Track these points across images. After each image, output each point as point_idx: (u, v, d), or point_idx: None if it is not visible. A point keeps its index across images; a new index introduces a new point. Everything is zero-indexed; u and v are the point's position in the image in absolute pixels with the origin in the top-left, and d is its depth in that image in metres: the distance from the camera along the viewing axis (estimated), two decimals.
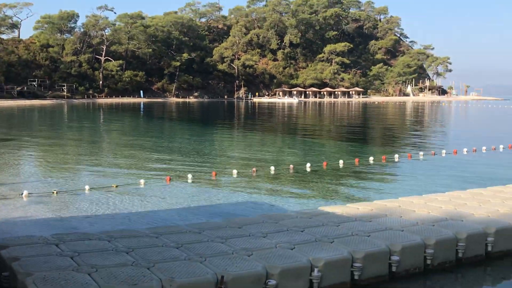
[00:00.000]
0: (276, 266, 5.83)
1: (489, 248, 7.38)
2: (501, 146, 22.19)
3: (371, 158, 18.37)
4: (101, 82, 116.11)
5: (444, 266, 7.00)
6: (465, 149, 20.94)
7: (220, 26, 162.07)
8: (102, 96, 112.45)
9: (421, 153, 20.07)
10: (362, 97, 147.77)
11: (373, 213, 8.29)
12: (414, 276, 6.74)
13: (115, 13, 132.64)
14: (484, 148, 21.63)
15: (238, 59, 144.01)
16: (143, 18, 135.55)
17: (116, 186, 12.94)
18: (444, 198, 9.52)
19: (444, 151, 20.71)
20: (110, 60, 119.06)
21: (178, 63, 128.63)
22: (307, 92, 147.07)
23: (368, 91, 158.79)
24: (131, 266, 5.68)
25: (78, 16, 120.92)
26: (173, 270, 5.56)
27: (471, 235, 7.17)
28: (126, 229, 7.82)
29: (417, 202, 9.13)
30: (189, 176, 14.22)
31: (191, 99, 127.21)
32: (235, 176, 14.76)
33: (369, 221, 7.78)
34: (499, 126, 43.85)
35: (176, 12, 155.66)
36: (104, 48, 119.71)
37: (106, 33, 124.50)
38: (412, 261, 6.72)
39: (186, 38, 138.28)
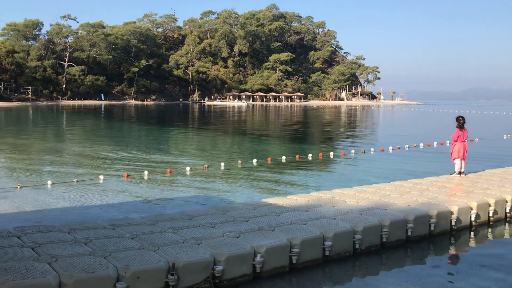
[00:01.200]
0: (223, 253, 5.82)
1: (409, 233, 7.62)
2: (421, 144, 22.96)
3: (309, 155, 18.62)
4: (64, 85, 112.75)
5: (370, 250, 7.17)
6: (390, 147, 21.54)
7: (175, 36, 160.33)
8: (65, 99, 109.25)
9: (353, 150, 20.50)
10: (303, 101, 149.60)
11: (310, 204, 8.40)
12: (345, 259, 6.87)
13: (77, 22, 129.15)
14: (406, 146, 22.33)
15: (192, 65, 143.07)
16: (104, 27, 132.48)
17: (77, 182, 12.59)
18: (371, 189, 9.75)
19: (372, 148, 21.23)
20: (73, 66, 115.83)
21: (136, 69, 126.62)
22: (255, 96, 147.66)
23: (308, 96, 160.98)
24: (89, 255, 5.53)
25: (42, 24, 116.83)
26: (128, 258, 5.46)
27: (393, 222, 7.39)
28: (85, 222, 7.60)
29: (348, 194, 9.32)
30: (145, 172, 14.00)
31: (149, 102, 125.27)
32: (188, 172, 14.63)
33: (306, 211, 7.88)
34: (419, 127, 45.35)
35: (135, 22, 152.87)
36: (67, 54, 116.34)
37: (69, 41, 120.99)
38: (343, 245, 6.85)
39: (144, 46, 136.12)
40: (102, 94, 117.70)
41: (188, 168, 14.93)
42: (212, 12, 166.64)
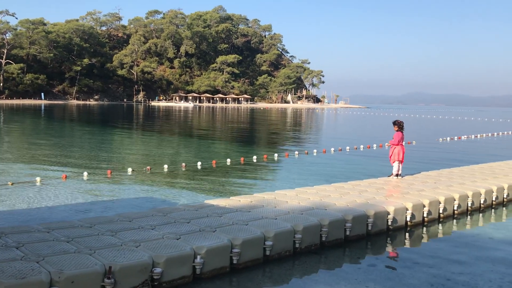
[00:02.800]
0: (162, 255, 5.74)
1: (347, 233, 7.81)
2: (362, 146, 23.62)
3: (254, 157, 18.73)
4: (1, 84, 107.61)
5: (310, 249, 7.29)
6: (332, 149, 22.02)
7: (120, 35, 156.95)
8: (3, 98, 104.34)
9: (296, 152, 20.80)
10: (250, 103, 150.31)
11: (252, 205, 8.44)
12: (285, 258, 6.95)
13: (16, 18, 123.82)
14: (348, 148, 22.90)
15: (137, 65, 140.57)
16: (44, 24, 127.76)
17: (12, 184, 12.06)
18: (312, 190, 9.93)
19: (315, 150, 21.63)
20: (11, 63, 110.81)
21: (79, 68, 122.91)
22: (202, 98, 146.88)
23: (255, 98, 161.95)
24: (20, 260, 5.30)
25: None
26: (63, 262, 5.28)
27: (332, 221, 7.55)
28: (18, 225, 7.29)
29: (290, 194, 9.44)
30: (85, 173, 13.60)
31: (92, 102, 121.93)
32: (129, 173, 14.35)
33: (248, 211, 7.91)
34: (360, 129, 46.65)
35: (77, 20, 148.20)
36: (5, 51, 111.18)
37: (7, 37, 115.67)
38: (283, 245, 6.93)
39: (87, 44, 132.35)
40: (42, 94, 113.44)
41: (130, 170, 14.64)
42: (158, 12, 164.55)
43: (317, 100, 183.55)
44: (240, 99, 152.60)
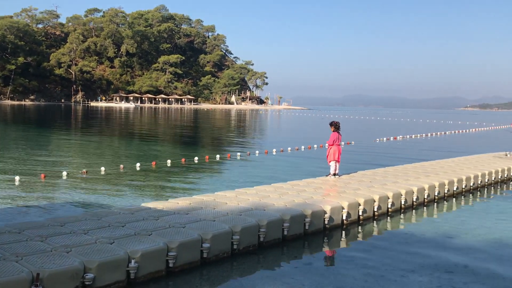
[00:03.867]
0: (94, 260, 5.55)
1: (285, 232, 7.88)
2: (302, 147, 23.99)
3: (196, 158, 18.58)
4: None
5: (248, 250, 7.30)
6: (274, 150, 22.23)
7: (57, 33, 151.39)
8: None
9: (239, 153, 20.83)
10: (194, 104, 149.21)
11: (191, 207, 8.35)
12: (223, 260, 6.92)
13: None
14: (289, 148, 23.18)
15: (76, 64, 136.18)
16: None
17: None
18: (252, 191, 9.95)
19: (257, 151, 21.75)
20: None
21: (13, 67, 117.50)
22: (143, 98, 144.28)
23: (199, 99, 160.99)
24: None
25: None
26: None
27: (270, 222, 7.59)
28: None
29: (230, 196, 9.41)
30: (16, 178, 12.99)
31: (27, 102, 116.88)
32: (64, 177, 13.83)
33: (186, 214, 7.81)
34: (302, 130, 47.43)
35: (11, 17, 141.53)
36: None
37: None
38: (221, 247, 6.89)
39: (22, 42, 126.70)
40: None
41: (65, 173, 14.11)
42: (98, 10, 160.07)
43: (261, 101, 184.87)
44: (183, 99, 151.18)
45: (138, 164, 16.23)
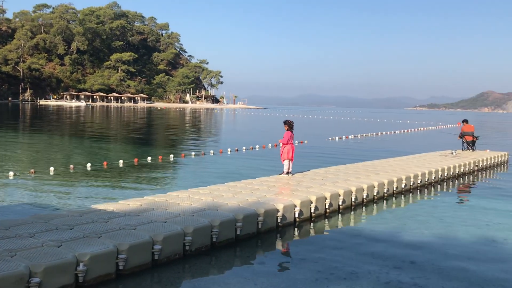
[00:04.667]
0: (40, 264, 5.36)
1: (238, 232, 7.86)
2: (257, 146, 24.07)
3: (149, 158, 18.30)
4: None
5: (201, 251, 7.24)
6: (229, 149, 22.20)
7: (3, 29, 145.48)
8: None
9: (193, 153, 20.67)
10: (147, 103, 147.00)
11: (142, 208, 8.20)
12: (175, 262, 6.83)
13: None
14: (244, 148, 23.21)
15: (24, 62, 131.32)
16: None
17: None
18: (206, 191, 9.89)
19: (212, 151, 21.65)
20: None
21: None
22: (95, 97, 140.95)
23: (152, 97, 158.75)
24: None
25: None
26: None
27: (223, 221, 7.56)
28: None
29: (182, 196, 9.31)
30: None
31: None
32: (11, 178, 13.31)
33: (137, 215, 7.67)
34: (257, 129, 47.60)
35: None
36: None
37: None
38: (173, 248, 6.80)
39: None
40: None
41: (11, 174, 13.58)
42: (47, 6, 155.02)
43: (216, 100, 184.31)
44: (136, 98, 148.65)
45: (89, 164, 15.82)
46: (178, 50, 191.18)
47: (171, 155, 19.39)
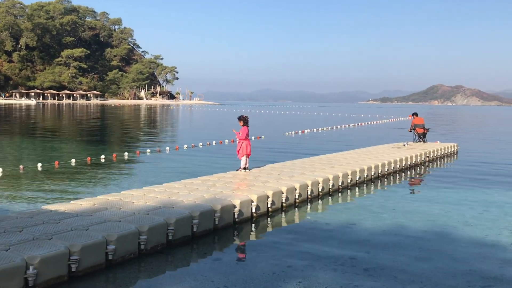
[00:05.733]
0: None
1: (195, 229, 7.80)
2: (214, 142, 23.98)
3: (102, 156, 17.90)
4: None
5: (156, 249, 7.14)
6: (185, 145, 22.00)
7: None
8: None
9: (148, 150, 20.37)
10: (100, 100, 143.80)
11: (95, 208, 8.00)
12: (130, 261, 6.71)
13: None
14: (200, 144, 23.07)
15: None
16: None
17: None
18: (161, 189, 9.76)
19: (168, 147, 21.39)
20: None
21: None
22: (46, 94, 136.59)
23: (106, 94, 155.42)
24: None
25: None
26: None
27: (179, 219, 7.48)
28: None
29: (137, 194, 9.16)
30: None
31: None
32: None
33: (90, 215, 7.48)
34: (214, 125, 47.42)
35: None
36: None
37: None
38: (127, 248, 6.67)
39: None
40: None
41: None
42: None
43: (171, 96, 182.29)
44: (89, 95, 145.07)
45: (39, 164, 15.32)
46: (132, 45, 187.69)
47: (126, 153, 19.04)
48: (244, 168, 12.43)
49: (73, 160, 16.56)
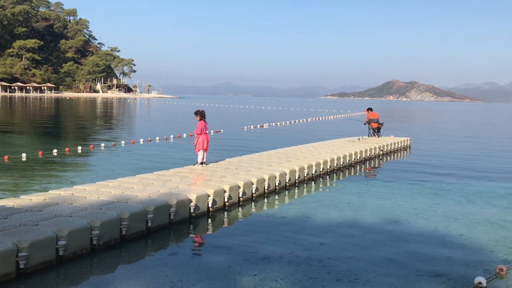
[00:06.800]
0: None
1: (149, 224, 7.70)
2: (171, 136, 23.73)
3: (55, 150, 17.40)
4: None
5: (109, 244, 7.00)
6: (141, 140, 21.66)
7: None
8: None
9: (103, 144, 19.94)
10: (55, 93, 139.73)
11: (46, 203, 7.77)
12: (82, 257, 6.56)
13: None
14: (157, 138, 22.77)
15: None
16: None
17: None
18: (115, 184, 9.57)
19: (123, 142, 21.00)
20: None
21: None
22: None
23: (60, 87, 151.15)
24: None
25: None
26: None
27: (133, 214, 7.36)
28: None
29: (90, 189, 8.95)
30: None
31: None
32: None
33: (40, 210, 7.26)
34: (172, 119, 46.90)
35: None
36: None
37: None
38: (79, 243, 6.51)
39: None
40: None
41: None
42: None
43: (128, 89, 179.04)
44: (42, 88, 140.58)
45: None
46: (87, 37, 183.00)
47: (79, 147, 18.58)
48: (202, 163, 12.36)
49: (23, 155, 16.02)
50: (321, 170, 13.61)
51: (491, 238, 8.08)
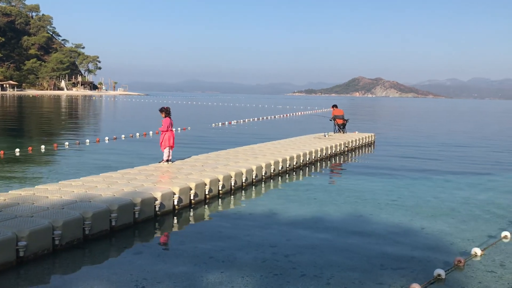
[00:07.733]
0: None
1: (113, 223, 7.59)
2: (137, 134, 23.42)
3: (17, 150, 16.94)
4: None
5: (72, 244, 6.87)
6: (106, 138, 21.29)
7: None
8: None
9: (67, 143, 19.52)
10: (17, 91, 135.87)
11: (6, 203, 7.55)
12: (44, 258, 6.41)
13: None
14: (123, 136, 22.43)
15: None
16: None
17: None
18: (78, 183, 9.38)
19: (88, 140, 20.60)
20: None
21: None
22: None
23: (23, 84, 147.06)
24: None
25: None
26: None
27: (96, 213, 7.23)
28: None
29: (52, 189, 8.74)
30: None
31: None
32: None
33: (0, 211, 7.05)
34: (138, 117, 46.32)
35: None
36: None
37: None
38: (40, 243, 6.36)
39: None
40: None
41: None
42: None
43: (94, 87, 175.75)
44: (4, 85, 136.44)
45: None
46: (51, 33, 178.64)
47: (43, 146, 18.13)
48: (167, 160, 12.25)
49: None
50: (287, 166, 13.69)
51: (451, 231, 8.30)
